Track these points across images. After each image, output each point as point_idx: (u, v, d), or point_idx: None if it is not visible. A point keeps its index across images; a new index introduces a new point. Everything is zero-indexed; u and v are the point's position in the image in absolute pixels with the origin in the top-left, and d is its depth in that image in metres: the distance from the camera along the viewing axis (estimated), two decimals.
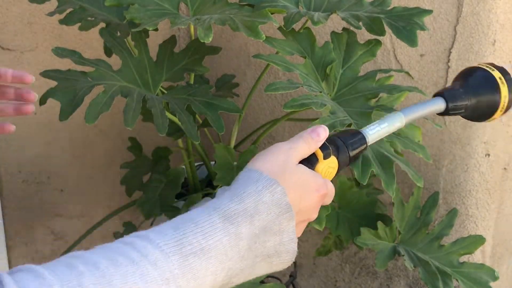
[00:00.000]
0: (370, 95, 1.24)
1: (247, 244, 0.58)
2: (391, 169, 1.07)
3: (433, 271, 1.27)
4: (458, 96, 0.75)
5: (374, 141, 0.70)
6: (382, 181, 1.06)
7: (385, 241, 1.32)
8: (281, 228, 0.61)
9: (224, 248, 0.57)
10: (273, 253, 0.61)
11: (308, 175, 0.65)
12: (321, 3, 1.31)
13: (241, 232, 0.58)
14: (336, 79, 1.29)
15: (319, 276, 1.83)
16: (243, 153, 1.32)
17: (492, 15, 1.39)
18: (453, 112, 0.75)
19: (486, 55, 1.42)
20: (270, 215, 0.60)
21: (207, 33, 1.09)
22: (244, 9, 1.16)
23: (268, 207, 0.60)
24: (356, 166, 1.04)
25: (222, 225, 0.57)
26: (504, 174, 1.59)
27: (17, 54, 1.53)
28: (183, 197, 1.40)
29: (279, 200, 0.61)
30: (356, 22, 1.20)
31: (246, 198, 0.60)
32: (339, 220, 1.36)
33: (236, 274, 0.59)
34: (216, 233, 0.57)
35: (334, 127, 1.07)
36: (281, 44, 1.21)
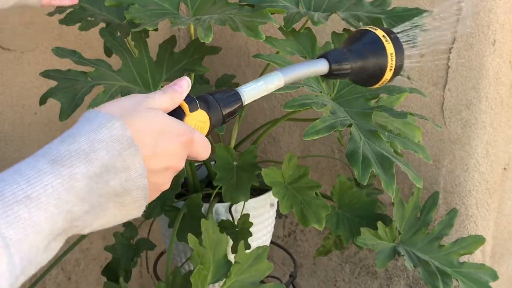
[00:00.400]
0: (370, 96, 1.24)
1: (87, 185, 0.55)
2: (391, 170, 1.07)
3: (433, 271, 1.27)
4: (342, 57, 0.71)
5: (251, 99, 0.66)
6: (382, 181, 1.06)
7: (385, 241, 1.32)
8: (126, 165, 0.58)
9: (57, 191, 0.53)
10: (121, 192, 0.58)
11: (167, 119, 0.62)
12: (321, 3, 1.31)
13: (75, 173, 0.55)
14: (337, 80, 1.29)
15: (319, 276, 1.83)
16: (243, 153, 1.32)
17: (492, 15, 1.39)
18: (337, 73, 0.71)
19: (486, 55, 1.42)
20: (111, 152, 0.57)
21: (207, 33, 1.09)
22: (244, 9, 1.16)
23: (107, 144, 0.57)
24: (356, 166, 1.05)
25: (50, 168, 0.54)
26: (504, 174, 1.59)
27: (17, 54, 1.53)
28: (183, 197, 1.40)
29: (120, 136, 0.57)
30: (356, 22, 1.21)
31: (79, 137, 0.57)
32: (339, 220, 1.36)
33: (79, 217, 0.55)
34: (43, 178, 0.53)
35: (334, 127, 1.07)
36: (282, 44, 1.21)
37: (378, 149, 1.09)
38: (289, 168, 1.29)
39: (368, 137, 1.11)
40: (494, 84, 1.45)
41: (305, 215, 1.25)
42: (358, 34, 0.74)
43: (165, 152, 0.61)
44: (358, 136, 1.09)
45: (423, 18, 0.83)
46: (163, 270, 1.52)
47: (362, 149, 1.08)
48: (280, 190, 1.27)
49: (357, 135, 1.09)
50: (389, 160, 1.08)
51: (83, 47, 1.62)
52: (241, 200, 1.27)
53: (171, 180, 0.65)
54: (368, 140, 1.10)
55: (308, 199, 1.26)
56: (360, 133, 1.10)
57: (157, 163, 0.61)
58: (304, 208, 1.25)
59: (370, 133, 1.12)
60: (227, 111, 0.65)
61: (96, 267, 1.80)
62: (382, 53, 0.72)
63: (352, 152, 1.07)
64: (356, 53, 0.73)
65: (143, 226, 1.56)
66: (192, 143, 0.64)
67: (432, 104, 1.50)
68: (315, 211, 1.25)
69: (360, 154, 1.07)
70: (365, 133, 1.11)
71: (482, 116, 1.46)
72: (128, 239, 1.42)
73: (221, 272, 1.20)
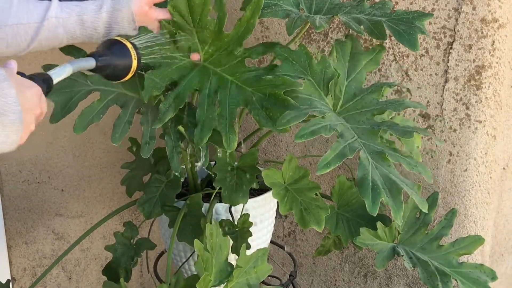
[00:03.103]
0: (376, 111, 1.24)
1: None
2: (399, 197, 1.08)
3: (432, 271, 1.28)
4: (104, 57, 1.00)
5: (57, 79, 0.94)
6: (392, 209, 1.07)
7: (385, 241, 1.32)
8: (3, 92, 0.78)
9: None
10: (1, 112, 0.78)
11: (21, 78, 0.85)
12: (322, 6, 1.30)
13: None
14: (341, 92, 1.28)
15: (319, 276, 1.83)
16: (244, 155, 1.32)
17: (492, 15, 1.40)
18: (99, 69, 1.00)
19: (486, 55, 1.42)
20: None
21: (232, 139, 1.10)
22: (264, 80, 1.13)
23: None
24: (366, 197, 1.06)
25: None
26: (504, 174, 1.59)
27: None
28: (183, 197, 1.40)
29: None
30: (357, 26, 1.20)
31: None
32: (338, 220, 1.36)
33: None
34: None
35: (345, 155, 1.08)
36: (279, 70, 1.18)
37: (385, 173, 1.09)
38: (289, 169, 1.29)
39: (375, 159, 1.11)
40: (494, 84, 1.45)
41: (304, 217, 1.25)
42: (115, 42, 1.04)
43: (29, 95, 0.83)
44: (366, 160, 1.09)
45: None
46: (163, 269, 1.53)
47: (371, 174, 1.08)
48: (280, 191, 1.27)
49: (366, 159, 1.10)
50: (397, 187, 1.08)
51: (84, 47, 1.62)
52: (240, 202, 1.27)
53: (34, 122, 0.85)
54: (376, 162, 1.10)
55: (307, 201, 1.26)
56: (368, 155, 1.10)
57: (24, 102, 0.81)
58: (303, 210, 1.26)
59: (377, 155, 1.12)
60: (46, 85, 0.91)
61: (96, 266, 1.80)
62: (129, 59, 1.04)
63: (362, 180, 1.07)
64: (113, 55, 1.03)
65: (143, 226, 1.57)
66: (42, 94, 0.87)
67: (432, 104, 1.51)
68: (315, 213, 1.25)
69: (370, 181, 1.07)
70: (373, 155, 1.11)
71: (481, 116, 1.46)
72: (128, 238, 1.43)
73: (223, 275, 1.20)
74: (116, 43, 1.03)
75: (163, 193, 1.36)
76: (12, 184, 1.60)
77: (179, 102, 1.14)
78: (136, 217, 1.88)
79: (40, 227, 1.69)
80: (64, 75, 0.95)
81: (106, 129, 1.70)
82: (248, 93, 1.13)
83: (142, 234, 1.49)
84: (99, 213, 1.78)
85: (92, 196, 1.77)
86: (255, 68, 1.17)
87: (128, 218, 1.86)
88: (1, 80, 0.79)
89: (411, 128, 1.20)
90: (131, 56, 1.03)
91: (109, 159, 1.76)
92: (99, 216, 1.77)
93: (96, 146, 1.73)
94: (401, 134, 1.18)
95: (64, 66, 0.95)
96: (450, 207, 1.53)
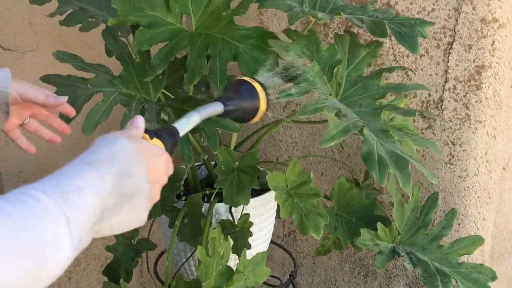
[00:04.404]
0: (378, 95, 1.25)
1: (112, 182, 0.70)
2: (406, 169, 1.08)
3: (432, 271, 1.28)
4: (232, 101, 0.94)
5: (184, 131, 0.87)
6: (400, 181, 1.07)
7: (385, 241, 1.32)
8: (134, 170, 0.73)
9: (95, 184, 0.68)
10: (133, 193, 0.72)
11: (150, 144, 0.80)
12: (326, 6, 1.31)
13: (105, 172, 0.70)
14: (342, 79, 1.29)
15: (319, 276, 1.83)
16: (244, 156, 1.32)
17: (492, 15, 1.40)
18: (227, 113, 0.93)
19: (486, 55, 1.42)
20: (124, 159, 0.73)
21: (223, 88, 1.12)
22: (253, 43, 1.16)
23: (120, 153, 0.73)
24: (374, 169, 1.07)
25: (88, 168, 0.70)
26: (503, 174, 1.60)
27: (18, 54, 1.53)
28: (183, 197, 1.40)
29: (128, 148, 0.74)
30: (360, 23, 1.21)
31: (101, 149, 0.73)
32: (338, 222, 1.36)
33: (108, 209, 0.70)
34: (85, 174, 0.69)
35: (349, 130, 1.08)
36: (289, 48, 1.21)
37: (391, 149, 1.10)
38: (293, 174, 1.29)
39: (380, 137, 1.12)
40: (494, 84, 1.45)
41: (304, 223, 1.25)
42: (242, 83, 0.97)
43: (158, 167, 0.78)
44: (371, 137, 1.10)
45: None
46: (163, 269, 1.53)
47: (377, 150, 1.09)
48: (282, 195, 1.27)
49: (370, 136, 1.10)
50: (403, 159, 1.09)
51: (84, 48, 1.62)
52: (241, 203, 1.27)
53: (159, 192, 0.79)
54: (381, 140, 1.11)
55: (308, 207, 1.27)
56: (372, 133, 1.11)
57: (151, 174, 0.75)
58: (304, 216, 1.26)
59: (382, 133, 1.13)
60: (172, 141, 0.85)
61: (96, 266, 1.81)
62: (256, 101, 0.96)
63: (368, 154, 1.08)
64: (241, 98, 0.96)
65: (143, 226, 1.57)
66: (169, 161, 0.80)
67: (432, 104, 1.51)
68: (314, 220, 1.25)
69: (376, 155, 1.08)
70: (377, 133, 1.12)
71: (481, 116, 1.46)
72: (128, 239, 1.43)
73: (222, 279, 1.21)
74: (243, 83, 0.97)
75: (163, 193, 1.34)
76: (12, 184, 1.60)
77: (170, 56, 1.15)
78: None
79: None
80: (191, 127, 0.88)
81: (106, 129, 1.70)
82: (238, 47, 1.15)
83: (142, 234, 1.49)
84: None
85: None
86: (244, 28, 1.19)
87: None
88: (133, 156, 0.74)
89: (413, 109, 1.22)
90: (259, 98, 0.96)
91: None
92: None
93: None
94: (403, 114, 1.20)
95: (190, 115, 0.89)
96: (450, 207, 1.53)
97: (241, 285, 1.22)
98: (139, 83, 1.25)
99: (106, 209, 0.69)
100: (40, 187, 0.65)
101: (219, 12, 1.23)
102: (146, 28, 1.17)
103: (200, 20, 1.25)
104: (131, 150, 0.74)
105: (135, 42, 1.15)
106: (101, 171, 0.70)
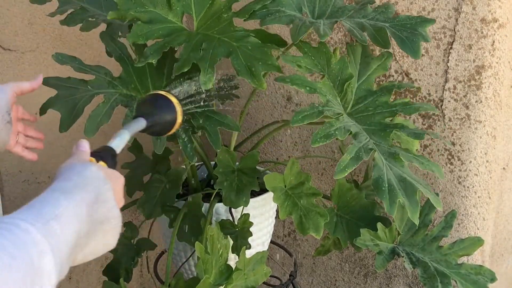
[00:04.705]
0: (388, 114, 1.25)
1: (87, 210, 0.72)
2: (415, 197, 1.09)
3: (432, 272, 1.28)
4: (153, 116, 0.97)
5: (119, 149, 0.90)
6: (408, 210, 1.08)
7: (385, 242, 1.32)
8: (105, 197, 0.75)
9: (72, 212, 0.70)
10: (105, 219, 0.75)
11: (108, 169, 0.82)
12: (325, 9, 1.30)
13: (80, 199, 0.72)
14: (352, 93, 1.29)
15: (319, 276, 1.83)
16: (244, 158, 1.32)
17: (492, 15, 1.40)
18: (148, 128, 0.96)
19: (486, 55, 1.42)
20: (97, 187, 0.75)
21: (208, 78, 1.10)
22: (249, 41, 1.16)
23: (92, 180, 0.75)
24: (384, 198, 1.07)
25: (64, 196, 0.71)
26: (503, 174, 1.60)
27: (18, 54, 1.53)
28: (183, 197, 1.40)
29: (97, 175, 0.76)
30: (361, 33, 1.21)
31: (74, 177, 0.75)
32: (337, 222, 1.36)
33: (82, 236, 0.71)
34: (62, 203, 0.69)
35: (361, 158, 1.09)
36: (300, 61, 1.21)
37: (400, 173, 1.10)
38: (291, 174, 1.29)
39: (389, 160, 1.11)
40: (494, 84, 1.45)
41: (303, 223, 1.25)
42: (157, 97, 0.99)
43: (119, 191, 0.80)
44: (381, 162, 1.10)
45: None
46: (164, 269, 1.53)
47: (387, 175, 1.09)
48: (281, 196, 1.27)
49: (380, 160, 1.10)
50: (412, 187, 1.09)
51: (84, 48, 1.62)
52: (241, 205, 1.27)
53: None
54: (389, 163, 1.11)
55: (307, 207, 1.26)
56: (382, 156, 1.11)
57: (116, 197, 0.78)
58: (303, 216, 1.26)
59: (390, 156, 1.12)
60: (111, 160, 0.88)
61: (96, 267, 1.81)
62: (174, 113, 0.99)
63: (378, 180, 1.08)
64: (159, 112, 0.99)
65: (143, 226, 1.57)
66: (123, 183, 0.83)
67: (432, 104, 1.51)
68: (314, 220, 1.25)
69: (386, 181, 1.08)
70: (386, 155, 1.12)
71: (481, 117, 1.46)
72: (129, 239, 1.43)
73: (222, 277, 1.21)
74: (160, 97, 0.99)
75: (163, 193, 1.36)
76: (12, 184, 1.60)
77: (164, 48, 1.15)
78: (136, 217, 1.88)
79: None
80: (124, 144, 0.92)
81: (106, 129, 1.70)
82: (232, 45, 1.15)
83: (142, 234, 1.49)
84: None
85: None
86: (243, 29, 1.19)
87: (128, 218, 1.86)
88: (102, 183, 0.76)
89: (423, 130, 1.22)
90: (176, 111, 0.99)
91: None
92: None
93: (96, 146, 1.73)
94: (413, 136, 1.20)
95: (122, 134, 0.92)
96: (450, 207, 1.53)
97: (241, 284, 1.22)
98: (139, 84, 1.25)
99: (80, 236, 0.70)
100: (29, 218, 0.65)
101: (220, 14, 1.23)
102: (145, 23, 1.17)
103: (202, 20, 1.25)
104: (101, 177, 0.77)
105: (131, 34, 1.15)
106: (76, 199, 0.71)
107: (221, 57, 1.14)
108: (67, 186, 0.73)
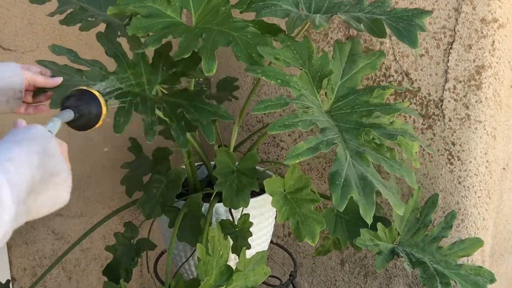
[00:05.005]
0: (365, 112, 1.22)
1: (38, 160, 0.79)
2: (371, 196, 1.03)
3: (432, 272, 1.28)
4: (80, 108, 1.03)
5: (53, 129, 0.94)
6: (360, 207, 1.02)
7: (384, 242, 1.32)
8: (53, 152, 0.83)
9: (25, 157, 0.77)
10: (54, 172, 0.82)
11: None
12: (321, 5, 1.30)
13: (31, 150, 0.79)
14: (334, 90, 1.28)
15: (319, 276, 1.83)
16: (244, 158, 1.32)
17: (492, 15, 1.40)
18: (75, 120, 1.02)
19: (486, 55, 1.42)
20: (43, 141, 0.83)
21: (211, 64, 1.10)
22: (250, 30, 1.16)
23: (39, 136, 0.83)
24: (335, 191, 1.02)
25: (15, 145, 0.78)
26: (503, 174, 1.60)
27: (18, 54, 1.53)
28: (183, 197, 1.40)
29: (43, 132, 0.85)
30: (357, 24, 1.20)
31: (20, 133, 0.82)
32: (337, 223, 1.36)
33: (36, 183, 0.78)
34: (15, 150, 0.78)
35: (318, 149, 1.05)
36: (279, 54, 1.19)
37: (362, 172, 1.06)
38: (292, 178, 1.29)
39: (355, 158, 1.08)
40: (494, 84, 1.45)
41: (300, 229, 1.24)
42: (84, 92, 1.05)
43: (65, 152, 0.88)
44: (343, 158, 1.06)
45: None
46: (163, 269, 1.53)
47: (346, 171, 1.05)
48: (279, 200, 1.26)
49: (343, 155, 1.07)
50: (371, 185, 1.04)
51: (84, 48, 1.62)
52: (241, 206, 1.27)
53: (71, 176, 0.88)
54: (354, 161, 1.07)
55: (305, 213, 1.26)
56: (348, 152, 1.08)
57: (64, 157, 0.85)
58: (300, 222, 1.25)
59: (357, 154, 1.09)
60: None
61: (96, 266, 1.81)
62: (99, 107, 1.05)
63: (334, 174, 1.03)
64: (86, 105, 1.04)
65: (143, 226, 1.57)
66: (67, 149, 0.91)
67: (432, 104, 1.51)
68: (310, 226, 1.24)
69: (342, 177, 1.03)
70: (353, 153, 1.08)
71: (481, 116, 1.46)
72: (128, 239, 1.43)
73: (222, 278, 1.21)
74: (85, 92, 1.05)
75: (163, 193, 1.36)
76: None
77: (165, 37, 1.16)
78: (136, 217, 1.88)
79: (40, 227, 1.69)
80: (57, 130, 0.97)
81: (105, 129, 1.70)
82: (232, 35, 1.16)
83: (142, 234, 1.49)
84: (99, 213, 1.78)
85: (92, 196, 1.77)
86: (242, 20, 1.20)
87: (128, 218, 1.86)
88: (48, 139, 0.84)
89: (397, 131, 1.18)
90: (101, 104, 1.05)
91: (108, 159, 1.76)
92: (99, 216, 1.77)
93: (96, 146, 1.73)
94: (386, 137, 1.15)
95: (55, 121, 0.97)
96: (450, 207, 1.53)
97: (240, 284, 1.22)
98: (133, 80, 1.25)
99: (34, 183, 0.77)
100: None
101: (218, 7, 1.23)
102: (144, 17, 1.18)
103: (201, 15, 1.25)
104: (47, 134, 0.85)
105: (131, 26, 1.15)
106: (27, 149, 0.79)
107: (221, 45, 1.14)
108: (17, 139, 0.80)
